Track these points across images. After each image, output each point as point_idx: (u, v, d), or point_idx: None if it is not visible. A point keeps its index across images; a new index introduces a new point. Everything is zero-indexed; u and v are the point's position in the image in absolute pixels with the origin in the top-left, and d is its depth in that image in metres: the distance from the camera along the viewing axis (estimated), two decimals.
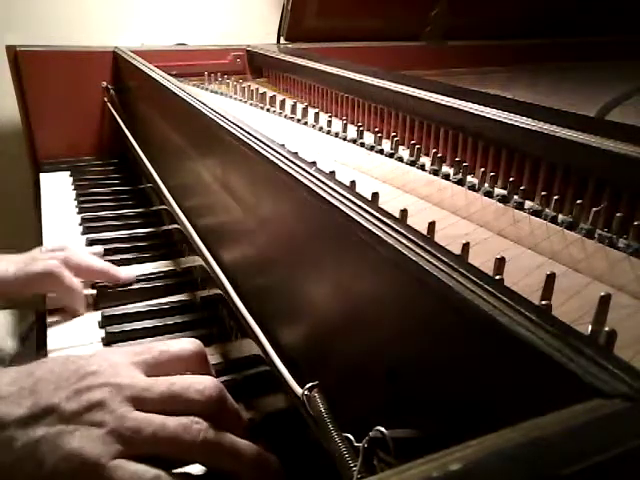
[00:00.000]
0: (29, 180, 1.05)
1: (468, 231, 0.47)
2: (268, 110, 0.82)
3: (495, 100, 0.62)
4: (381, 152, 0.62)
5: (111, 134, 1.07)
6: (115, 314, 0.58)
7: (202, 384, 0.36)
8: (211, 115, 0.52)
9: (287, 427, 0.40)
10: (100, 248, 0.69)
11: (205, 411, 0.35)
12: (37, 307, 0.62)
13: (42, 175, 1.00)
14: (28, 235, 0.83)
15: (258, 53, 1.08)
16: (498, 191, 0.50)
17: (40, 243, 0.75)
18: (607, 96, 0.85)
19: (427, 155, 0.60)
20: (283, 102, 0.80)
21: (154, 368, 0.38)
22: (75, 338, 0.55)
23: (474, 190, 0.51)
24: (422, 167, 0.57)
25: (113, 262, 0.68)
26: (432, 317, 0.25)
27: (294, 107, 0.78)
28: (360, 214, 0.30)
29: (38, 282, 0.56)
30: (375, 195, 0.41)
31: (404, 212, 0.39)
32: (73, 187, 0.95)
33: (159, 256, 0.72)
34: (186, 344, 0.40)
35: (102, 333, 0.55)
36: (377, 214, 0.30)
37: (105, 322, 0.57)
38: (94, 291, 0.61)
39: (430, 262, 0.25)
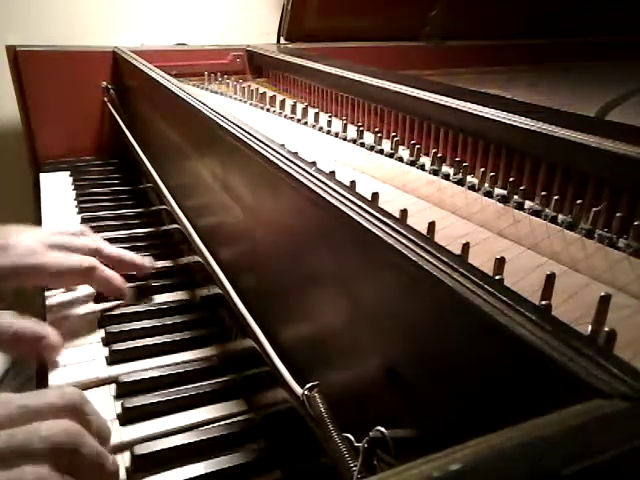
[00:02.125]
0: (29, 180, 1.05)
1: (468, 231, 0.47)
2: (268, 110, 0.82)
3: (495, 100, 0.62)
4: (381, 152, 0.62)
5: (111, 134, 1.07)
6: (114, 314, 0.58)
7: (49, 430, 0.32)
8: (211, 115, 0.52)
9: (287, 426, 0.40)
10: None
11: (54, 460, 0.32)
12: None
13: (42, 175, 1.00)
14: None
15: (258, 53, 1.08)
16: (498, 191, 0.50)
17: None
18: (607, 96, 0.85)
19: (427, 155, 0.60)
20: (283, 102, 0.80)
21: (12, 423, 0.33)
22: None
23: (474, 190, 0.51)
24: (422, 167, 0.57)
25: None
26: (432, 317, 0.25)
27: (294, 107, 0.78)
28: (360, 214, 0.30)
29: (79, 276, 0.54)
30: (375, 195, 0.41)
31: (404, 212, 0.39)
32: (73, 187, 0.95)
33: (158, 256, 0.72)
34: (54, 398, 0.36)
35: (102, 333, 0.55)
36: (377, 214, 0.30)
37: (105, 322, 0.57)
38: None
39: (430, 262, 0.25)
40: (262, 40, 1.17)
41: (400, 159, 0.60)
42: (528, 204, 0.48)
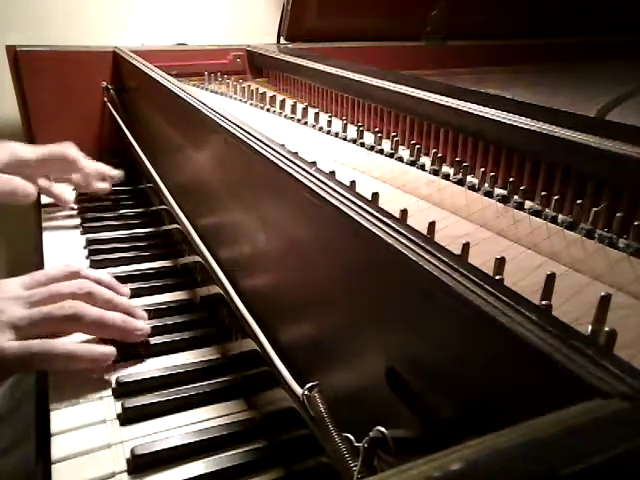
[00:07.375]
0: None
1: (468, 231, 0.47)
2: (268, 110, 0.82)
3: (495, 100, 0.62)
4: (381, 152, 0.62)
5: (111, 134, 1.07)
6: None
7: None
8: (211, 115, 0.52)
9: (287, 426, 0.40)
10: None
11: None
12: None
13: None
14: (28, 235, 0.83)
15: (258, 53, 1.08)
16: (498, 191, 0.50)
17: (40, 243, 0.75)
18: (607, 96, 0.85)
19: (427, 155, 0.60)
20: (283, 102, 0.80)
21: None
22: None
23: (474, 190, 0.51)
24: (422, 167, 0.57)
25: (112, 261, 0.69)
26: (431, 317, 0.25)
27: (294, 107, 0.78)
28: (360, 214, 0.30)
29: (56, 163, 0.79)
30: (375, 195, 0.41)
31: (404, 212, 0.39)
32: (73, 187, 0.94)
33: (158, 256, 0.72)
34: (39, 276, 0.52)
35: None
36: (377, 214, 0.30)
37: None
38: None
39: (430, 262, 0.25)
40: (262, 40, 1.17)
41: (400, 159, 0.60)
42: (528, 204, 0.48)
